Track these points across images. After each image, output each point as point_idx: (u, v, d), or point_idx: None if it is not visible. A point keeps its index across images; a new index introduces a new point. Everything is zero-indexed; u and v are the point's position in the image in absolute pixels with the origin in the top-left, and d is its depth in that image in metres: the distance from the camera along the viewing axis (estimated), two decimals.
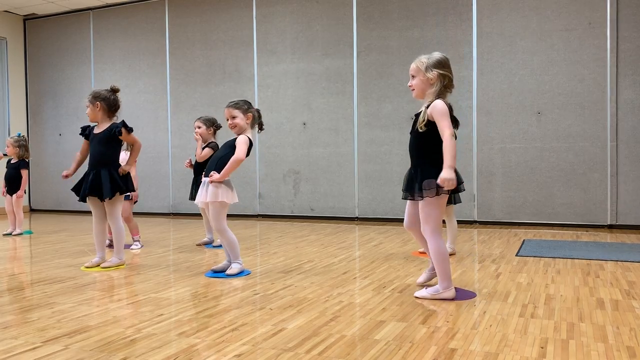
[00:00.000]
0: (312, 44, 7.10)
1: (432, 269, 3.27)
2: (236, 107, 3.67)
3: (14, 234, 5.99)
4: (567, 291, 3.12)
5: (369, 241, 5.20)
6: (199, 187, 3.80)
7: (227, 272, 3.64)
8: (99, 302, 3.00)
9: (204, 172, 3.74)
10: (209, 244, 5.01)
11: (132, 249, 4.84)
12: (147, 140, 7.29)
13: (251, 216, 7.46)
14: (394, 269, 3.82)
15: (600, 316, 2.62)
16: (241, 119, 3.67)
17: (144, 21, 8.10)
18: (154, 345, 2.28)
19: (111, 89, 3.99)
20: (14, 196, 5.97)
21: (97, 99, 3.91)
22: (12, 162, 6.03)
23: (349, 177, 6.96)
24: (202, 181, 3.72)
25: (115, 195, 3.86)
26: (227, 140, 3.76)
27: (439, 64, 2.90)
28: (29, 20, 9.00)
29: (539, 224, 6.12)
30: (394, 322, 2.56)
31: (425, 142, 2.92)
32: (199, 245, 5.04)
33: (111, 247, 4.50)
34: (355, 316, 2.67)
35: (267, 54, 7.34)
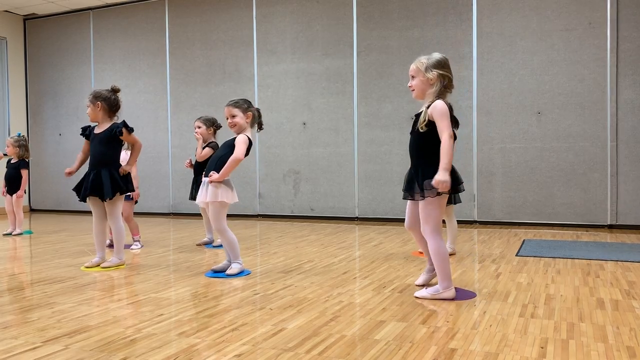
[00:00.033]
0: (312, 44, 7.10)
1: (430, 271, 3.28)
2: (236, 106, 3.67)
3: (14, 234, 5.99)
4: (567, 291, 3.12)
5: (369, 241, 5.20)
6: (199, 187, 3.80)
7: (227, 272, 3.64)
8: (99, 302, 3.00)
9: (204, 172, 3.74)
10: (209, 244, 5.01)
11: (132, 249, 4.84)
12: (147, 140, 7.29)
13: (251, 216, 7.46)
14: (394, 269, 3.82)
15: (600, 316, 2.62)
16: (241, 118, 3.67)
17: (144, 21, 8.10)
18: (154, 345, 2.28)
19: (112, 89, 4.00)
20: (14, 196, 5.97)
21: (98, 98, 3.91)
22: (12, 162, 6.03)
23: (349, 177, 6.96)
24: (202, 181, 3.72)
25: (115, 195, 3.87)
26: (227, 139, 3.77)
27: (438, 65, 2.90)
28: (29, 20, 9.00)
29: (539, 224, 6.13)
30: (394, 322, 2.56)
31: (425, 142, 2.92)
32: (199, 245, 5.04)
33: (111, 247, 4.50)
34: (355, 316, 2.67)
35: (267, 54, 7.35)
